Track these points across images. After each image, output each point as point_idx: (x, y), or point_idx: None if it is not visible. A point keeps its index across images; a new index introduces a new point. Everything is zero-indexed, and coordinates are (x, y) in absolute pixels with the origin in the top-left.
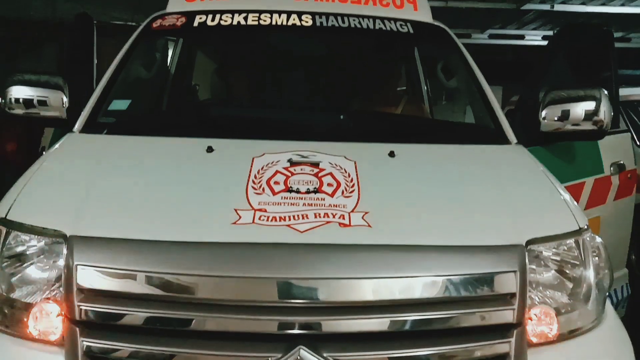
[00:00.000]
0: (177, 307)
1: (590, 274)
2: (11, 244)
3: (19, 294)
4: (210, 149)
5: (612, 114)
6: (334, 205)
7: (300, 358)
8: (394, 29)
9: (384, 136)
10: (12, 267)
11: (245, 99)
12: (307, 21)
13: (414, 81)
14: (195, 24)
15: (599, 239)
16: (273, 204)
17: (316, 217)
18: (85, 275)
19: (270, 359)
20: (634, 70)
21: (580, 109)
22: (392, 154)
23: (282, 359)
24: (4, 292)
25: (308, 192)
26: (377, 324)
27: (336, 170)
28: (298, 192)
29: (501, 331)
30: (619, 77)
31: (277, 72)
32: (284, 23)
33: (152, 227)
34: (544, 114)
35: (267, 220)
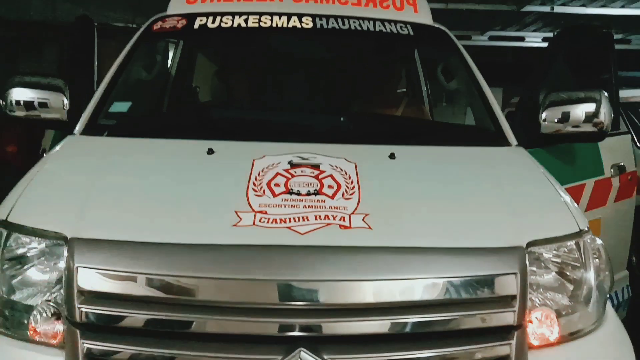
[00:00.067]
0: (178, 309)
1: (591, 276)
2: (12, 246)
3: (19, 296)
4: (210, 151)
5: (612, 115)
6: (334, 207)
7: None
8: (394, 31)
9: (384, 138)
10: (13, 269)
11: (246, 101)
12: (307, 23)
13: (414, 83)
14: (196, 26)
15: (599, 241)
16: (273, 206)
17: (317, 219)
18: (86, 278)
19: None
20: (634, 72)
21: (580, 110)
22: (392, 156)
23: None
24: (4, 294)
25: (308, 194)
26: (378, 326)
27: (336, 172)
28: (298, 194)
29: (502, 333)
30: (619, 79)
31: (278, 74)
32: (285, 25)
33: (153, 229)
34: (544, 115)
35: (268, 222)
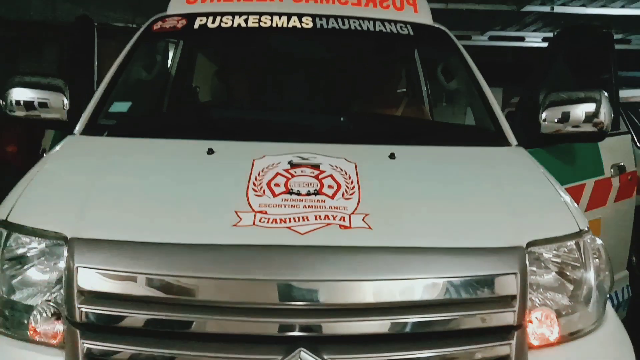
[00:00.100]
0: (178, 309)
1: (591, 276)
2: (12, 246)
3: (19, 296)
4: (210, 151)
5: (612, 115)
6: (334, 207)
7: None
8: (394, 31)
9: (384, 138)
10: (13, 269)
11: (246, 100)
12: (307, 23)
13: (414, 83)
14: (196, 26)
15: (599, 241)
16: (273, 205)
17: (317, 219)
18: (86, 278)
19: None
20: (634, 72)
21: (580, 110)
22: (392, 156)
23: None
24: (4, 294)
25: (308, 194)
26: (378, 326)
27: (336, 172)
28: (298, 194)
29: (502, 333)
30: (619, 79)
31: (278, 74)
32: (285, 25)
33: (153, 229)
34: (544, 115)
35: (268, 222)
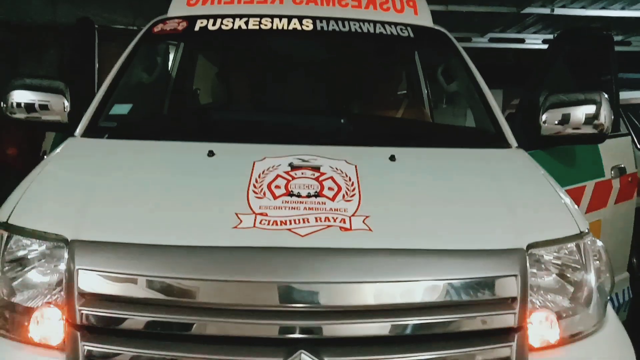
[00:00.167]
0: (178, 311)
1: (592, 277)
2: (12, 248)
3: (20, 298)
4: (211, 153)
5: (613, 117)
6: (334, 209)
7: None
8: (394, 33)
9: (384, 140)
10: (14, 272)
11: (246, 102)
12: (307, 25)
13: (414, 85)
14: (197, 28)
15: (599, 243)
16: (274, 208)
17: (317, 221)
18: (87, 280)
19: None
20: (634, 74)
21: (580, 112)
22: (392, 158)
23: None
24: (5, 296)
25: (309, 196)
26: (378, 328)
27: (337, 174)
28: (299, 196)
29: (502, 335)
30: (619, 81)
31: (278, 76)
32: (285, 27)
33: (153, 231)
34: (544, 117)
35: (268, 224)
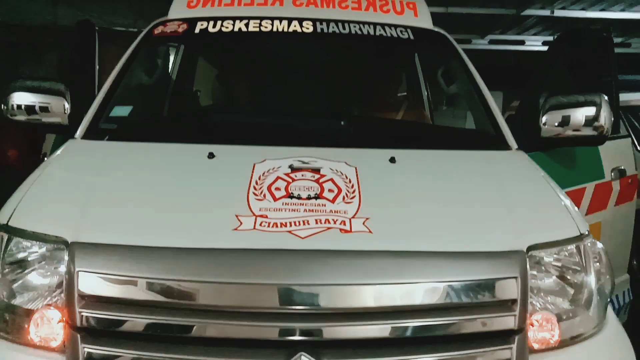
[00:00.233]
0: (179, 313)
1: (592, 279)
2: (13, 251)
3: (20, 300)
4: (211, 155)
5: (613, 119)
6: (334, 211)
7: None
8: (394, 35)
9: (384, 142)
10: (14, 274)
11: (247, 104)
12: (307, 28)
13: (414, 87)
14: (197, 30)
15: (600, 245)
16: (274, 209)
17: (317, 223)
18: (87, 282)
19: None
20: (634, 76)
21: (580, 114)
22: (392, 160)
23: None
24: (5, 298)
25: (309, 198)
26: (378, 330)
27: (337, 176)
28: (299, 198)
29: (502, 337)
30: (619, 82)
31: (278, 78)
32: (285, 30)
33: (154, 234)
34: (544, 119)
35: (268, 226)
